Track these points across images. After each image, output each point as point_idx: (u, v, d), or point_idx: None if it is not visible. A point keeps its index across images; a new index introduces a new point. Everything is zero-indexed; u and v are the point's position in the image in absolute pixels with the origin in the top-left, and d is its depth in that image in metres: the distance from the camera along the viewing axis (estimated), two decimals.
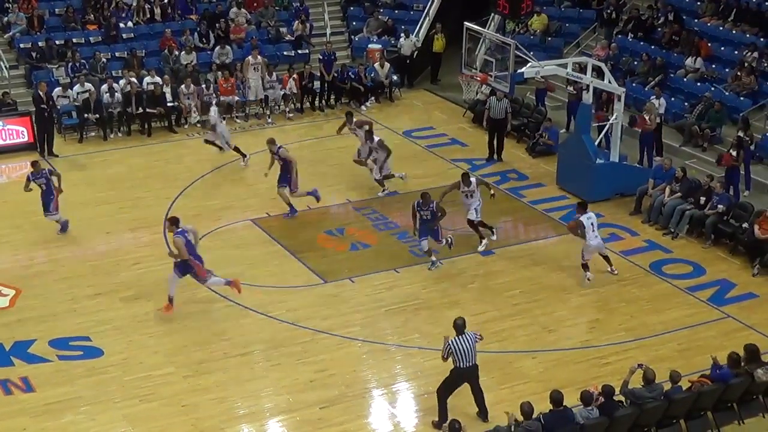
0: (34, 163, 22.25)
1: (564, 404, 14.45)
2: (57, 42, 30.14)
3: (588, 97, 24.30)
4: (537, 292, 20.00)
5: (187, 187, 23.25)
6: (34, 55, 29.72)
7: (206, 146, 26.63)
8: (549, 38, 32.44)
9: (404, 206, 21.22)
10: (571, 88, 27.60)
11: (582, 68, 24.58)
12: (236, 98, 29.54)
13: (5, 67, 29.54)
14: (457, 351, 15.20)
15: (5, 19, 30.89)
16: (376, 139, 24.50)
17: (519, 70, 23.99)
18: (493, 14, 27.91)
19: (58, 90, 27.93)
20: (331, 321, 18.84)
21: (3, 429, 15.81)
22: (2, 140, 26.84)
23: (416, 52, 32.51)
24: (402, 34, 32.71)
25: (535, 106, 29.01)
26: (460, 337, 15.27)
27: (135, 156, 25.94)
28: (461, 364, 15.27)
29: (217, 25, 32.03)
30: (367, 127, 24.69)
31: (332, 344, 18.20)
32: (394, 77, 31.57)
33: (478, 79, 24.73)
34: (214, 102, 27.68)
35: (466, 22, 25.23)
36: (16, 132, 26.61)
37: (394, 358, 17.86)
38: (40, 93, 26.67)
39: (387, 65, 31.29)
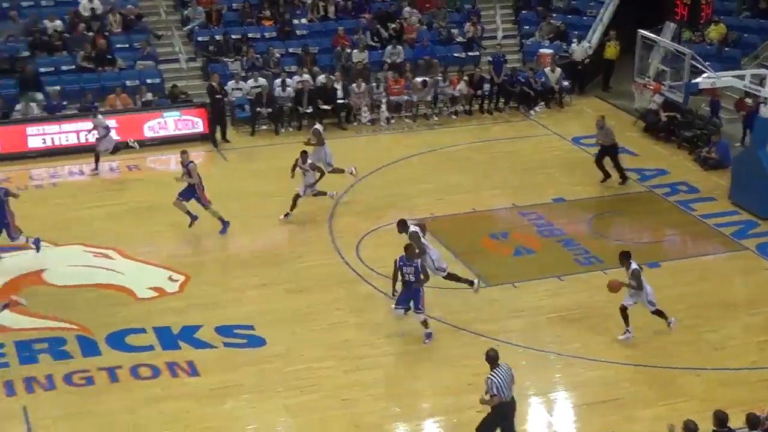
0: None
1: (728, 425, 14.02)
2: (233, 36, 30.89)
3: (766, 111, 23.55)
4: (703, 309, 19.45)
5: (353, 185, 23.44)
6: (210, 48, 30.52)
7: (376, 144, 26.90)
8: (726, 48, 31.59)
9: (571, 213, 20.85)
10: (749, 101, 26.75)
11: (761, 81, 23.86)
12: (405, 98, 29.68)
13: (183, 59, 30.43)
14: (498, 384, 14.32)
15: (185, 13, 31.81)
16: (309, 161, 23.02)
17: (694, 80, 23.47)
18: (667, 22, 27.43)
19: (231, 83, 28.68)
20: (491, 325, 18.73)
21: (167, 409, 16.26)
22: (178, 130, 27.65)
23: (588, 59, 32.09)
24: (574, 40, 32.41)
25: (709, 117, 28.28)
26: (496, 369, 14.46)
27: None
28: (504, 396, 14.42)
29: (389, 24, 32.29)
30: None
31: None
32: (565, 83, 31.28)
33: (652, 88, 24.30)
34: (97, 114, 26.05)
35: (639, 30, 24.80)
36: (192, 122, 27.33)
37: (554, 366, 17.67)
38: (213, 84, 27.42)
39: (558, 70, 31.02)
